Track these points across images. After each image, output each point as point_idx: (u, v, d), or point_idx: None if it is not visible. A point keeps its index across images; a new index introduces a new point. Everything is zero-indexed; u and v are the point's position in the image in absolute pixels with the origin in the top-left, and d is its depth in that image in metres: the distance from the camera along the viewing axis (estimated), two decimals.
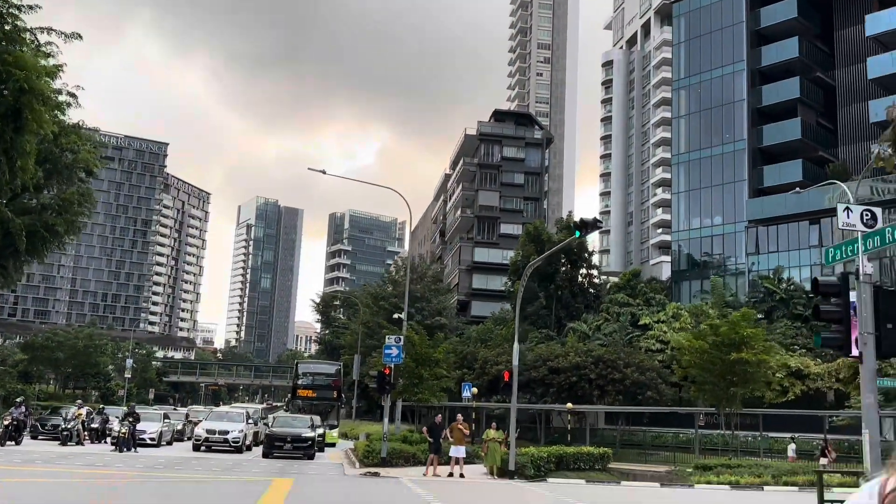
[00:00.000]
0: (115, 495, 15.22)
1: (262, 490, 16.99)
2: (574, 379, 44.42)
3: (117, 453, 26.94)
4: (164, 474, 20.36)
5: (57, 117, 53.10)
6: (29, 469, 19.48)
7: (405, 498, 16.97)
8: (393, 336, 27.65)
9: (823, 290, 9.67)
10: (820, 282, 9.68)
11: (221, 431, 30.85)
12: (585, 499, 18.14)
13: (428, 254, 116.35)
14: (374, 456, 26.41)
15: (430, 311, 63.59)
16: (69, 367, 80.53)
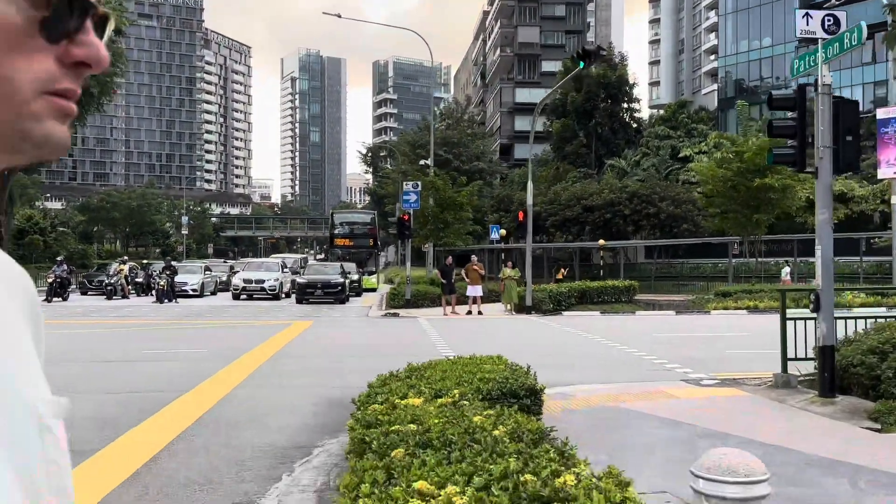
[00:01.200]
0: (135, 339, 16.26)
1: (276, 332, 17.87)
2: (608, 216, 44.31)
3: (157, 304, 28.49)
4: (192, 321, 21.51)
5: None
6: (66, 322, 20.77)
7: (410, 332, 17.65)
8: (410, 182, 27.75)
9: (778, 104, 9.19)
10: (773, 96, 9.20)
11: (258, 280, 32.16)
12: (582, 326, 18.60)
13: (465, 99, 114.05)
14: (399, 298, 27.33)
15: (468, 155, 63.23)
16: (126, 227, 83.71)
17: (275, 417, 7.93)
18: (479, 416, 4.82)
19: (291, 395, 9.34)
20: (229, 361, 12.17)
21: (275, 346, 14.75)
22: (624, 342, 15.30)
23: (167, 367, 11.89)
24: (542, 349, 14.69)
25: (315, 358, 12.99)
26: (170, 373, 11.15)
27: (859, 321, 10.27)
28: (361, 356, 12.93)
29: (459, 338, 16.63)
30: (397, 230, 27.96)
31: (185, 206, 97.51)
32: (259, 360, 12.41)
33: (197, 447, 6.68)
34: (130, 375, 11.02)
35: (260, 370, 11.32)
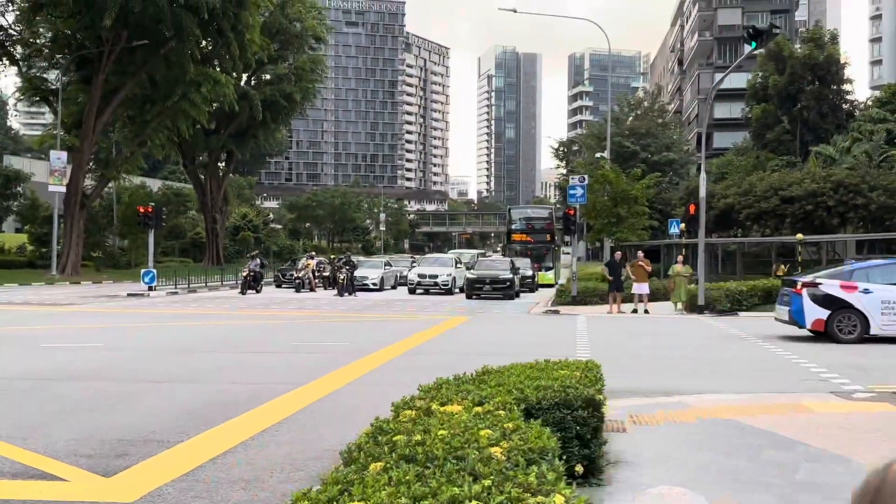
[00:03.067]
0: (294, 330, 17.18)
1: (430, 326, 18.13)
2: (809, 207, 40.60)
3: (337, 297, 29.99)
4: (359, 314, 22.37)
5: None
6: (246, 313, 22.40)
7: (559, 330, 17.16)
8: (577, 176, 27.04)
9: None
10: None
11: (431, 276, 32.93)
12: (752, 328, 17.07)
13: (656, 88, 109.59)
14: (566, 295, 26.78)
15: (658, 146, 60.71)
16: (330, 223, 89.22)
17: (360, 415, 7.96)
18: (488, 429, 4.47)
19: (395, 391, 9.34)
20: (365, 355, 12.46)
21: (416, 341, 14.94)
22: (790, 348, 13.88)
23: (301, 359, 12.38)
24: (689, 352, 13.70)
25: (446, 355, 12.96)
26: (297, 365, 11.60)
27: None
28: (489, 354, 12.72)
29: (607, 338, 15.93)
30: (563, 225, 27.40)
31: (384, 204, 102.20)
32: (392, 356, 12.60)
33: (267, 442, 6.85)
34: (258, 367, 11.60)
35: (386, 366, 11.47)
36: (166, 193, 67.00)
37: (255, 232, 71.45)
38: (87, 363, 11.43)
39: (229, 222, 70.42)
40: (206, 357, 12.51)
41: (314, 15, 60.19)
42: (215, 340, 14.94)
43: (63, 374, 10.39)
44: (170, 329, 17.69)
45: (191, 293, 31.46)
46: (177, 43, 41.35)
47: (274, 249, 71.72)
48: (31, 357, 12.26)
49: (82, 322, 18.75)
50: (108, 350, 13.29)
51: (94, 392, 9.16)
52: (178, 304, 25.06)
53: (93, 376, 10.23)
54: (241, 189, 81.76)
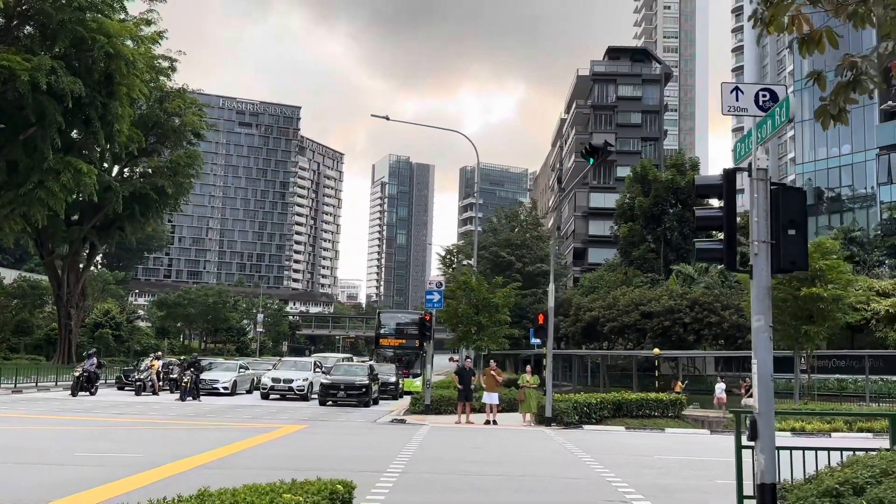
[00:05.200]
0: (89, 438, 15.54)
1: (253, 436, 16.87)
2: (667, 323, 41.95)
3: (179, 402, 28.04)
4: (188, 421, 20.76)
5: (158, 82, 55.64)
6: (56, 417, 20.40)
7: (391, 441, 16.26)
8: (434, 281, 26.85)
9: (702, 191, 7.89)
10: (697, 182, 7.91)
11: (286, 380, 31.50)
12: (590, 443, 16.72)
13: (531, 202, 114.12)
14: (419, 403, 26.01)
15: (532, 258, 62.09)
16: (202, 323, 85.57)
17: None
18: None
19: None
20: (146, 469, 11.18)
21: (223, 452, 13.72)
22: (612, 464, 13.53)
23: (66, 472, 10.99)
24: (508, 468, 13.10)
25: (240, 470, 11.84)
26: (50, 480, 10.22)
27: (826, 453, 8.47)
28: (291, 469, 11.69)
29: (434, 452, 15.18)
30: (418, 330, 26.95)
31: (263, 305, 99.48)
32: (174, 471, 11.37)
33: None
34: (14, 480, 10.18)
35: (153, 485, 10.25)
36: (21, 286, 62.81)
37: (117, 329, 67.47)
38: None
39: (89, 318, 66.32)
40: None
41: (194, 111, 59.41)
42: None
43: None
44: None
45: (16, 393, 28.70)
46: (38, 129, 39.58)
47: (136, 349, 67.86)
48: None
49: None
50: None
51: None
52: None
53: None
54: (106, 284, 77.66)
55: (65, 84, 37.75)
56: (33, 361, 49.57)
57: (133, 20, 50.16)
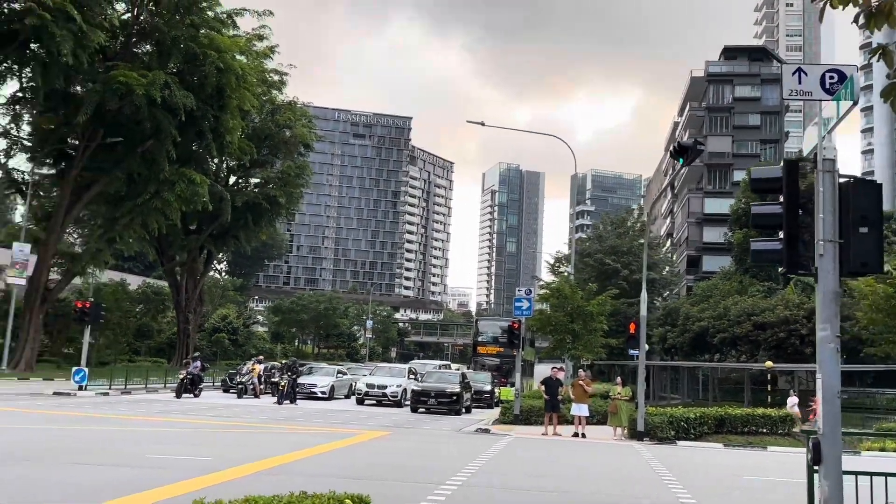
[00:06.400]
0: (165, 440, 15.94)
1: (331, 441, 16.86)
2: (782, 335, 39.49)
3: (276, 405, 28.63)
4: (278, 423, 21.06)
5: (269, 95, 57.70)
6: (151, 419, 21.14)
7: (463, 452, 15.82)
8: (524, 288, 26.23)
9: (758, 185, 7.05)
10: (753, 174, 7.08)
11: (380, 386, 31.66)
12: (677, 460, 15.67)
13: (641, 208, 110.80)
14: (509, 413, 25.49)
15: (639, 265, 60.12)
16: (314, 328, 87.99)
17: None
18: None
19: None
20: (204, 473, 11.26)
21: (294, 457, 13.70)
22: (692, 485, 12.60)
23: (126, 474, 11.19)
24: (568, 485, 12.40)
25: (299, 477, 11.71)
26: (106, 481, 10.40)
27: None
28: (352, 478, 11.50)
29: (506, 465, 14.64)
30: (507, 338, 26.41)
31: (372, 311, 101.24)
32: (235, 475, 11.39)
33: None
34: (49, 482, 10.41)
35: (207, 489, 10.25)
36: (145, 291, 66.37)
37: (234, 334, 70.23)
38: None
39: (208, 323, 69.37)
40: (3, 469, 11.29)
41: (304, 123, 61.22)
42: (54, 448, 13.70)
43: None
44: (29, 431, 16.47)
45: (125, 394, 30.13)
46: (154, 142, 41.63)
47: (252, 352, 70.31)
48: None
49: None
50: None
51: None
52: (93, 406, 23.81)
53: None
54: (225, 290, 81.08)
55: (178, 98, 39.50)
56: (155, 364, 52.24)
57: (246, 36, 52.25)
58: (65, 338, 52.14)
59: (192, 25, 41.90)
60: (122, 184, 44.01)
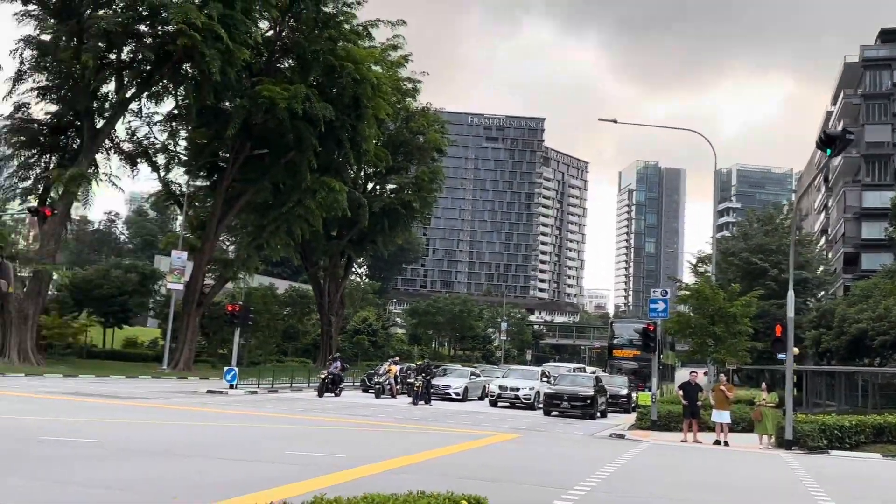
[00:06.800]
0: (313, 435, 16.58)
1: (461, 442, 17.01)
2: None
3: (411, 405, 29.23)
4: (414, 424, 21.48)
5: (404, 103, 59.11)
6: (294, 416, 22.10)
7: (592, 457, 15.51)
8: (659, 289, 25.41)
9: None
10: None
11: (513, 388, 31.65)
12: (824, 473, 14.64)
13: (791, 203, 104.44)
14: (645, 419, 24.79)
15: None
16: (449, 330, 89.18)
17: None
18: None
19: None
20: (336, 471, 11.63)
21: (421, 457, 13.90)
22: (843, 499, 11.76)
23: (263, 470, 11.71)
24: (698, 495, 11.86)
25: (426, 475, 11.85)
26: (242, 476, 10.93)
27: None
28: (472, 479, 11.53)
29: (637, 472, 14.22)
30: (642, 341, 25.67)
31: (507, 313, 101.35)
32: (362, 473, 11.69)
33: None
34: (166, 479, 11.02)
35: (336, 486, 10.57)
36: (291, 295, 69.60)
37: (373, 336, 72.32)
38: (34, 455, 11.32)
39: (350, 325, 71.83)
40: (156, 463, 12.03)
41: (436, 129, 62.27)
42: (202, 444, 14.55)
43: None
44: (183, 428, 17.57)
45: (271, 393, 31.70)
46: (297, 153, 43.61)
47: (391, 353, 72.17)
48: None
49: (120, 416, 19.07)
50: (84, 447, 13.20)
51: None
52: (241, 404, 25.18)
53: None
54: (365, 293, 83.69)
55: (318, 109, 41.22)
56: (301, 364, 54.66)
57: (381, 46, 53.82)
58: (219, 339, 55.49)
59: (331, 39, 43.57)
60: (268, 193, 46.44)
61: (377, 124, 49.66)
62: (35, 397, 22.36)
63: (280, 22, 45.31)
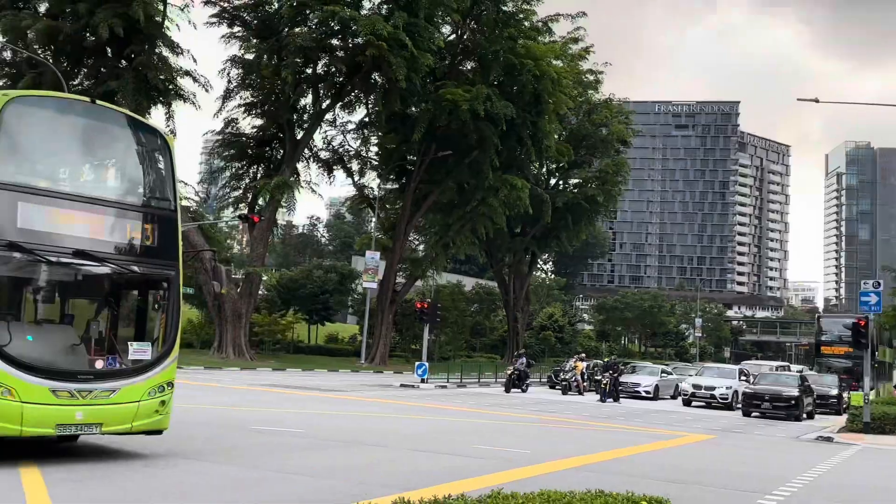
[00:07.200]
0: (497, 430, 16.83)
1: (651, 441, 16.59)
2: None
3: (599, 403, 28.84)
4: (600, 422, 21.21)
5: (586, 96, 58.42)
6: (480, 411, 22.58)
7: (794, 465, 14.49)
8: (871, 281, 23.25)
9: None
10: None
11: (707, 387, 30.33)
12: None
13: None
14: (857, 421, 22.79)
15: None
16: (638, 326, 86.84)
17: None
18: None
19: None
20: (521, 466, 11.75)
21: (607, 455, 13.70)
22: None
23: (452, 462, 12.05)
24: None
25: (611, 475, 11.66)
26: (430, 468, 11.28)
27: None
28: (664, 481, 11.18)
29: (849, 479, 13.14)
30: (852, 337, 23.53)
31: (701, 309, 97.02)
32: (548, 469, 11.71)
33: None
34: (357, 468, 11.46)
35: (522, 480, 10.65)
36: (478, 292, 70.96)
37: (560, 332, 72.03)
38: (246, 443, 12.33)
39: (535, 321, 72.04)
40: (352, 452, 12.70)
41: (620, 120, 60.94)
42: (395, 435, 15.18)
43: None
44: (377, 419, 18.41)
45: (460, 387, 32.51)
46: (479, 152, 44.42)
47: (578, 350, 71.55)
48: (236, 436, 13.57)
49: (321, 408, 20.37)
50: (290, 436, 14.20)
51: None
52: (431, 398, 26.05)
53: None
54: (550, 289, 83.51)
55: (498, 109, 41.71)
56: (489, 360, 55.68)
57: (562, 40, 53.54)
58: (411, 335, 57.75)
59: (510, 38, 43.94)
60: (453, 193, 47.70)
61: (558, 119, 49.45)
62: (248, 389, 24.47)
63: (461, 25, 46.29)
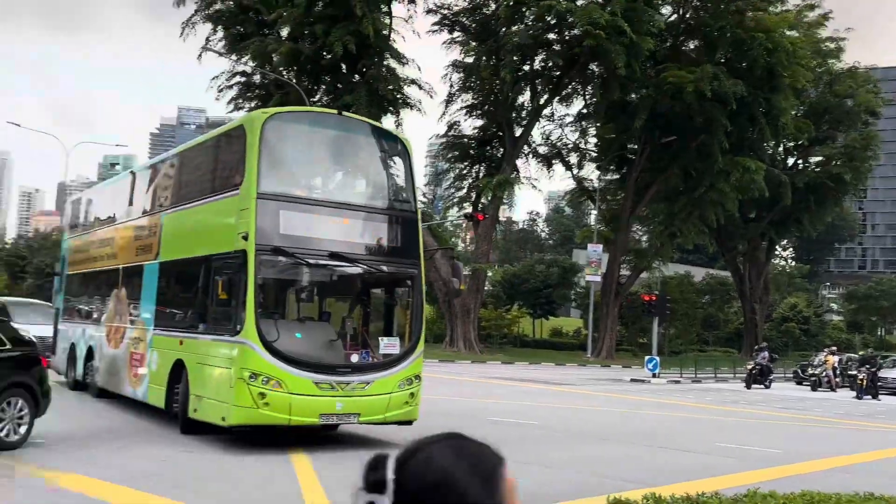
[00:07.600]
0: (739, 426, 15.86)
1: None
2: None
3: (854, 400, 26.31)
4: (857, 421, 19.36)
5: (826, 66, 53.56)
6: (717, 408, 21.47)
7: None
8: None
9: None
10: None
11: None
12: None
13: None
14: None
15: None
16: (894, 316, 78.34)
17: None
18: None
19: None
20: (775, 465, 11.02)
21: (867, 457, 12.44)
22: None
23: (697, 459, 11.54)
24: None
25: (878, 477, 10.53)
26: (679, 465, 10.85)
27: None
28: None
29: None
30: None
31: None
32: (805, 469, 10.85)
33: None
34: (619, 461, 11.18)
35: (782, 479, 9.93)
36: (709, 282, 67.55)
37: (804, 324, 66.57)
38: None
39: (776, 313, 67.22)
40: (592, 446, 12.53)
41: (868, 89, 55.13)
42: (633, 430, 14.80)
43: None
44: (609, 414, 18.05)
45: (695, 383, 31.11)
46: (706, 135, 42.27)
47: (827, 343, 65.87)
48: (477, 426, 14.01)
49: (553, 401, 20.43)
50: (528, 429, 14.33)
51: None
52: (665, 393, 25.18)
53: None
54: (791, 278, 77.49)
55: (727, 88, 39.38)
56: (725, 354, 52.89)
57: (796, 8, 49.50)
58: (638, 328, 56.28)
59: (737, 11, 41.39)
60: (678, 180, 45.78)
61: (795, 94, 45.68)
62: (481, 382, 25.17)
63: (683, 3, 44.32)
